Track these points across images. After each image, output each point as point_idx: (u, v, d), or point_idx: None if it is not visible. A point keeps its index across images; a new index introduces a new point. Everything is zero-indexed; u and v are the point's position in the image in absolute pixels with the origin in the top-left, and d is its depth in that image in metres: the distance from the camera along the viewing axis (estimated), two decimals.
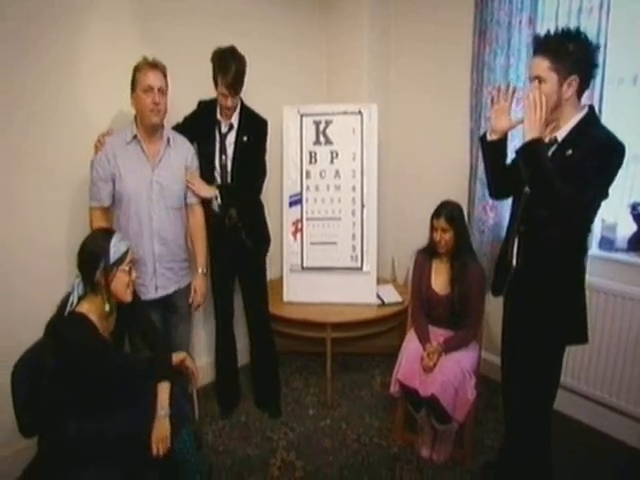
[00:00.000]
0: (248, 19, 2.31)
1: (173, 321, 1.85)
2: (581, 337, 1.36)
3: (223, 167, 1.93)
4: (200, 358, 2.34)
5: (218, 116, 1.92)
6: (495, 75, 2.07)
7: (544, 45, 1.25)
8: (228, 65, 1.76)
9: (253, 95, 2.33)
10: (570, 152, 1.23)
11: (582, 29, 1.30)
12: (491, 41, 2.06)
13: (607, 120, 1.71)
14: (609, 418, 1.96)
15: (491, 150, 1.44)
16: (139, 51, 1.75)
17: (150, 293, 1.71)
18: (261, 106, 2.04)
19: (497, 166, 1.46)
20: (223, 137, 1.92)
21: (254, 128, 1.96)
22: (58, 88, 1.74)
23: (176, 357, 1.54)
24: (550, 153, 1.28)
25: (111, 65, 1.84)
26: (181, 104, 1.95)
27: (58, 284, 1.72)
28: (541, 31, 1.97)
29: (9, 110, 1.64)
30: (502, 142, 1.43)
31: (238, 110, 1.92)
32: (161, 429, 1.35)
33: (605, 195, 1.24)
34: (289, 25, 2.51)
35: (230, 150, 1.92)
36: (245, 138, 1.92)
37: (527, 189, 1.33)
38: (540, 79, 1.24)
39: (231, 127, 1.92)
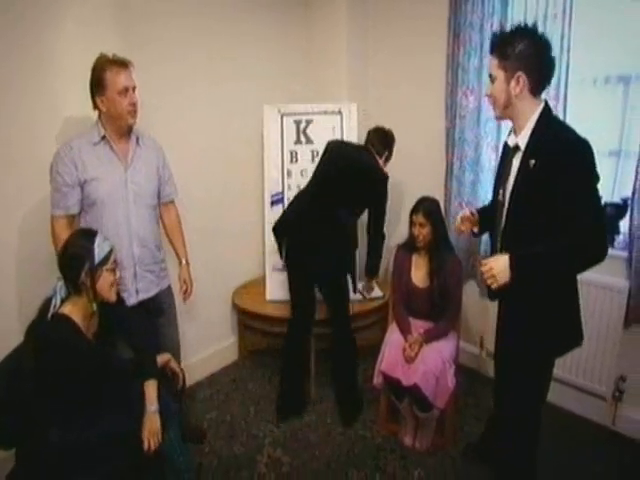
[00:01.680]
0: (230, 21, 2.30)
1: (160, 323, 1.82)
2: (578, 341, 1.38)
3: None
4: (188, 358, 2.29)
5: None
6: (469, 76, 2.16)
7: (493, 44, 1.29)
8: None
9: (236, 94, 2.34)
10: (533, 162, 1.22)
11: (547, 33, 1.31)
12: (465, 43, 2.14)
13: (571, 120, 1.83)
14: (576, 397, 2.07)
15: None
16: (120, 53, 1.73)
17: (132, 297, 1.67)
18: (243, 105, 2.05)
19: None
20: None
21: None
22: (40, 88, 1.69)
23: (160, 359, 1.54)
24: (517, 164, 1.28)
25: (87, 65, 1.80)
26: (155, 106, 1.92)
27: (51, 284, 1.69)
28: None
29: None
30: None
31: None
32: (152, 424, 1.36)
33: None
34: (271, 26, 2.52)
35: None
36: None
37: (501, 197, 1.36)
38: (492, 77, 1.29)
39: None
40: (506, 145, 1.39)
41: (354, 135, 2.40)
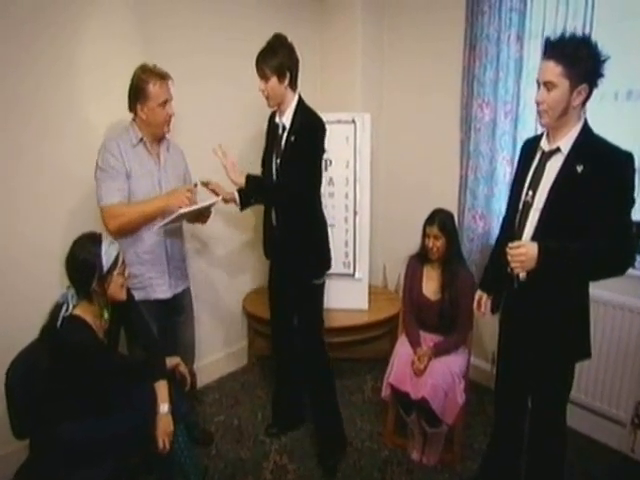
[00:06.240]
0: (245, 26, 2.35)
1: (180, 321, 1.91)
2: (587, 352, 1.38)
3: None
4: (197, 361, 2.24)
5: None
6: (484, 89, 2.15)
7: (558, 49, 1.21)
8: None
9: (251, 102, 2.37)
10: (581, 168, 1.22)
11: None
12: (481, 55, 2.12)
13: None
14: (594, 422, 2.01)
15: None
16: (136, 50, 1.78)
17: (167, 292, 1.76)
18: (259, 114, 2.07)
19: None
20: None
21: None
22: (56, 87, 1.75)
23: (170, 362, 1.56)
24: (559, 166, 1.27)
25: (108, 64, 1.86)
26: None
27: (54, 284, 1.72)
28: (528, 48, 2.05)
29: (6, 108, 1.65)
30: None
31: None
32: (166, 425, 1.40)
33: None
34: (286, 34, 2.56)
35: None
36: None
37: (527, 198, 1.34)
38: (551, 84, 1.21)
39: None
40: (533, 149, 1.37)
41: (367, 144, 2.41)
